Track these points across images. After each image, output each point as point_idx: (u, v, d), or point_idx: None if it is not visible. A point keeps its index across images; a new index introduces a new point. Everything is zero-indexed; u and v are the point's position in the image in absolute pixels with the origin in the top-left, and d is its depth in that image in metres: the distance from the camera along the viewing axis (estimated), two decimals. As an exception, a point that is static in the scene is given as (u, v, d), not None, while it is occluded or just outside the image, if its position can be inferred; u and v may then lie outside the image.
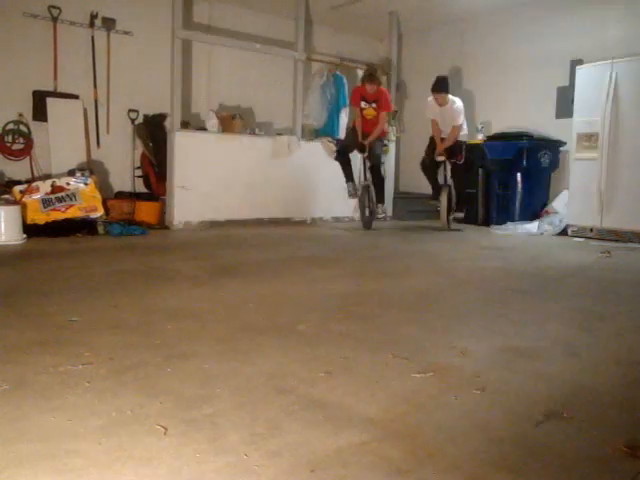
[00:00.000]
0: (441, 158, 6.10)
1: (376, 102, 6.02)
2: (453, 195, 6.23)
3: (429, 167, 6.25)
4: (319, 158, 6.80)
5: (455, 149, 6.08)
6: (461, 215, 6.29)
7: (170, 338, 2.08)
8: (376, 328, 2.32)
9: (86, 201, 5.06)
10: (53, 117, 5.70)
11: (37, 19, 5.65)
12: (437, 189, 6.27)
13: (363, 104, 6.05)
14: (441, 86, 6.04)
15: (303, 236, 5.66)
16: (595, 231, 5.67)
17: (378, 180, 6.12)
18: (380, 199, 6.14)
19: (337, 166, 6.08)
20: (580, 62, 5.98)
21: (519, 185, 6.37)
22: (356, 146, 6.02)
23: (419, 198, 7.33)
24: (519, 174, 6.35)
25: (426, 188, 6.66)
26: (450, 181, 6.22)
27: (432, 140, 6.25)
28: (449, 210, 6.22)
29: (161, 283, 3.14)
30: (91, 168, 5.70)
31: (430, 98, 6.13)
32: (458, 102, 6.07)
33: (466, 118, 6.24)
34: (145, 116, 6.27)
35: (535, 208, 6.45)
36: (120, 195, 6.05)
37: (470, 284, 3.41)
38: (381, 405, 1.53)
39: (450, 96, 6.04)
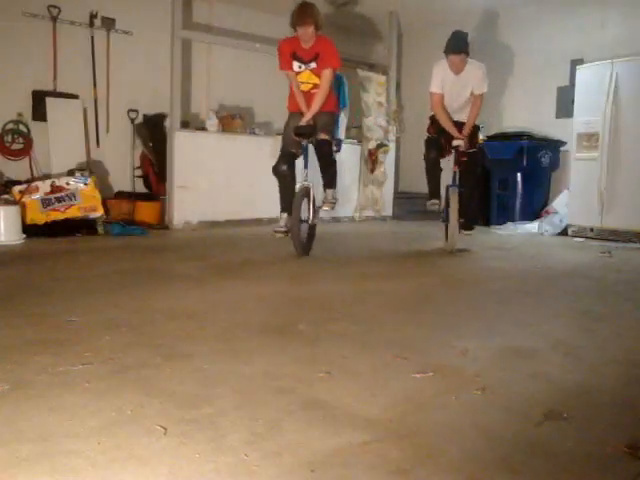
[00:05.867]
0: (458, 142, 4.33)
1: (315, 59, 4.08)
2: (464, 201, 4.45)
3: (435, 158, 4.56)
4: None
5: (474, 131, 4.54)
6: (470, 233, 4.71)
7: (170, 338, 2.08)
8: (376, 328, 2.32)
9: (86, 201, 5.05)
10: (52, 117, 5.69)
11: (36, 18, 5.63)
12: (437, 187, 4.61)
13: (297, 66, 4.16)
14: (462, 44, 4.44)
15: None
16: (595, 231, 5.66)
17: (328, 163, 4.35)
18: (330, 184, 4.45)
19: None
20: (580, 62, 5.97)
21: (519, 185, 6.37)
22: (298, 138, 4.27)
23: (419, 198, 7.31)
24: (519, 174, 6.35)
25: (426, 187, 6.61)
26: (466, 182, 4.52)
27: (434, 119, 4.64)
28: (460, 222, 4.46)
29: (161, 283, 3.13)
30: (91, 168, 5.70)
31: (440, 63, 4.59)
32: (482, 65, 4.54)
33: None
34: (145, 116, 6.26)
35: (535, 208, 6.43)
36: (120, 195, 6.04)
37: (470, 284, 3.41)
38: (381, 405, 1.53)
39: (470, 59, 4.53)
